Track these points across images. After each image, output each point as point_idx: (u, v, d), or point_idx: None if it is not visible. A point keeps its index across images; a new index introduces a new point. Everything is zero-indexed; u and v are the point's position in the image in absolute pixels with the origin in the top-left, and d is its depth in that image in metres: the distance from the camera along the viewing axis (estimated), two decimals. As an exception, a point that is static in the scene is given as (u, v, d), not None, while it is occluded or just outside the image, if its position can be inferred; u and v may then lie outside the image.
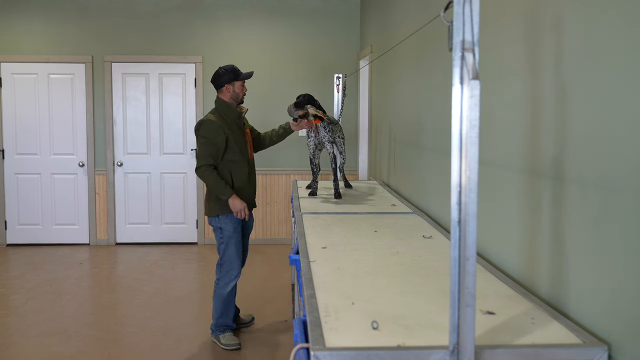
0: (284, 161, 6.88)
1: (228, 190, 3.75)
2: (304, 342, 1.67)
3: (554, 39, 1.91)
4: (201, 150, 3.77)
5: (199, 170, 3.76)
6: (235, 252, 3.88)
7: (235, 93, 3.89)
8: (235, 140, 3.84)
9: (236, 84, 3.89)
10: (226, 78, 3.86)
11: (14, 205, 6.87)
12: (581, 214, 1.74)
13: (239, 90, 3.91)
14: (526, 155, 2.13)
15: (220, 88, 3.90)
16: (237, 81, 3.89)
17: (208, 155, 3.74)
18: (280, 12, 6.88)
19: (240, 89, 3.91)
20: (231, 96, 3.89)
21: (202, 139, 3.77)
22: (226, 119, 3.84)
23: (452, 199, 1.43)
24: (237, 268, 3.90)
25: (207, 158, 3.75)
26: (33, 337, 4.11)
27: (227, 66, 3.92)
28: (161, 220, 6.97)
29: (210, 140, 3.75)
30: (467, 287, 1.39)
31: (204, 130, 3.77)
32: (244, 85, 3.94)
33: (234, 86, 3.88)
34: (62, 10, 6.74)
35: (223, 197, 3.75)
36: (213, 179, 3.74)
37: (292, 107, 3.99)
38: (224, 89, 3.89)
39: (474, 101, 1.38)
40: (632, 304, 1.49)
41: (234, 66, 3.93)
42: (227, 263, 3.88)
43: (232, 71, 3.88)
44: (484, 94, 2.30)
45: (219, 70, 3.90)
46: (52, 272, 5.75)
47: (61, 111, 6.83)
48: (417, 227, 3.11)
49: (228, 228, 3.86)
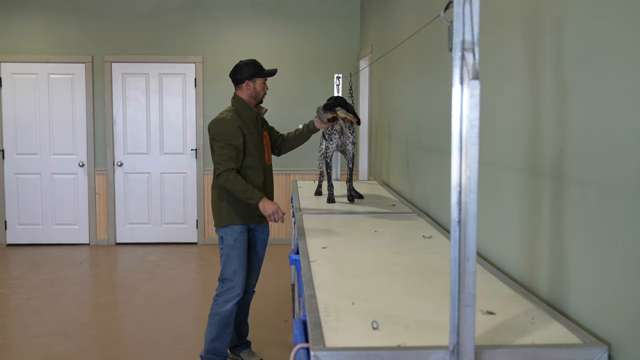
0: (284, 161, 6.88)
1: (257, 194, 3.29)
2: (304, 342, 1.67)
3: (554, 39, 1.91)
4: (220, 153, 3.34)
5: (222, 176, 3.32)
6: (237, 267, 3.43)
7: (256, 91, 3.48)
8: (253, 143, 3.42)
9: (257, 81, 3.47)
10: (247, 73, 3.44)
11: (14, 205, 6.87)
12: (581, 214, 1.74)
13: (259, 88, 3.49)
14: (526, 155, 2.13)
15: (240, 84, 3.48)
16: (259, 78, 3.47)
17: (229, 158, 3.32)
18: (281, 12, 6.88)
19: (262, 87, 3.50)
20: (251, 94, 3.47)
21: (220, 142, 3.34)
22: (243, 119, 3.43)
23: (452, 199, 1.43)
24: (239, 286, 3.44)
25: (228, 162, 3.31)
26: (33, 337, 4.11)
27: (249, 60, 3.50)
28: (161, 220, 6.97)
29: (229, 142, 3.33)
30: (467, 287, 1.39)
31: (223, 131, 3.35)
32: (266, 83, 3.54)
33: (254, 83, 3.46)
34: (62, 10, 6.74)
35: (252, 202, 3.29)
36: (238, 183, 3.29)
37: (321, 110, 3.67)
38: (244, 86, 3.46)
39: (474, 101, 1.38)
40: (632, 304, 1.49)
41: (256, 61, 3.52)
42: (227, 279, 3.45)
43: (255, 66, 3.48)
44: (484, 94, 2.30)
45: (239, 64, 3.49)
46: (52, 272, 5.75)
47: (61, 111, 6.83)
48: (417, 227, 3.11)
49: (228, 238, 3.45)
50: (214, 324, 3.46)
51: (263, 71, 3.49)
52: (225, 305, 3.43)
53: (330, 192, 3.94)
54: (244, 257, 3.47)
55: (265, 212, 3.30)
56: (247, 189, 3.29)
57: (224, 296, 3.44)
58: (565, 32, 1.83)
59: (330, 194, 3.94)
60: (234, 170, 3.32)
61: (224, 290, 3.45)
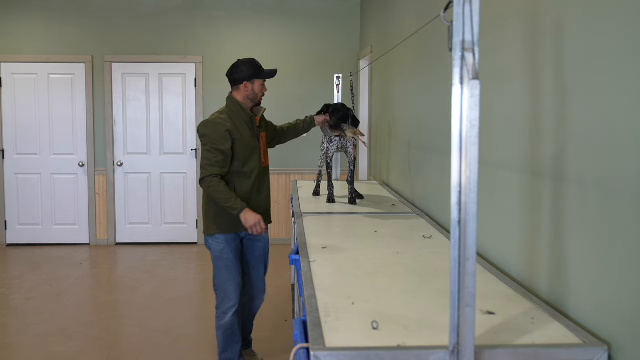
0: (284, 161, 6.88)
1: (239, 203, 3.13)
2: (304, 342, 1.67)
3: (554, 39, 1.91)
4: (206, 157, 3.19)
5: (204, 182, 3.17)
6: (227, 277, 3.30)
7: (254, 93, 3.29)
8: (243, 146, 3.25)
9: (256, 83, 3.29)
10: (246, 74, 3.25)
11: (14, 205, 6.87)
12: (581, 214, 1.74)
13: (258, 89, 3.30)
14: (526, 155, 2.14)
15: (237, 85, 3.28)
16: (258, 79, 3.29)
17: (214, 163, 3.16)
18: (280, 12, 6.88)
19: (260, 88, 3.32)
20: (248, 95, 3.29)
21: (207, 145, 3.19)
22: (236, 122, 3.25)
23: (452, 199, 1.43)
24: (232, 298, 3.31)
25: (212, 167, 3.16)
26: (33, 337, 4.11)
27: (248, 59, 3.31)
28: (161, 220, 6.97)
29: (215, 146, 3.16)
30: (467, 287, 1.39)
31: (209, 134, 3.20)
32: (265, 84, 3.36)
33: (253, 84, 3.27)
34: (62, 10, 6.74)
35: (234, 212, 3.13)
36: (221, 191, 3.13)
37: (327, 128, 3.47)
38: (241, 87, 3.27)
39: (474, 101, 1.38)
40: (632, 304, 1.49)
41: (255, 61, 3.32)
42: (220, 290, 3.34)
43: (254, 66, 3.28)
44: (484, 94, 2.30)
45: (237, 63, 3.30)
46: (52, 272, 5.75)
47: (61, 111, 6.83)
48: (417, 227, 3.11)
49: (214, 247, 3.30)
50: (220, 337, 3.39)
51: (262, 72, 3.31)
52: (224, 317, 3.34)
53: (330, 191, 3.91)
54: (234, 268, 3.32)
55: (247, 224, 3.14)
56: (229, 198, 3.13)
57: (221, 308, 3.35)
58: (565, 32, 1.83)
59: (330, 193, 3.90)
60: (218, 177, 3.16)
61: (220, 302, 3.36)
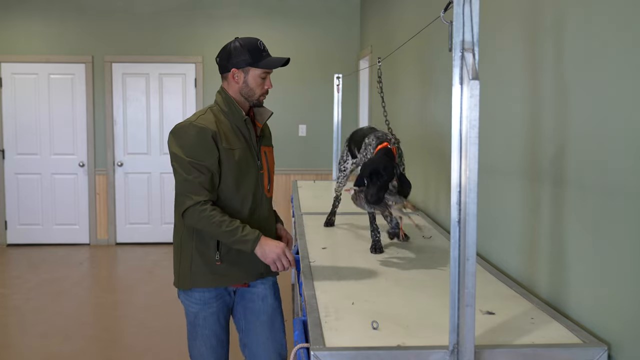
0: (284, 161, 6.88)
1: (251, 233, 2.10)
2: (304, 342, 1.67)
3: (554, 39, 1.91)
4: (185, 180, 2.12)
5: (189, 215, 2.11)
6: (203, 352, 2.35)
7: (248, 87, 2.22)
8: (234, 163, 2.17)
9: (251, 73, 2.21)
10: (237, 59, 2.21)
11: (14, 205, 6.86)
12: (581, 215, 1.74)
13: (254, 83, 2.22)
14: (526, 156, 2.14)
15: (225, 73, 2.26)
16: (254, 68, 2.20)
17: (197, 185, 2.10)
18: (280, 12, 6.88)
19: (257, 82, 2.22)
20: (240, 89, 2.23)
21: (181, 161, 2.14)
22: (224, 125, 2.20)
23: (452, 199, 1.43)
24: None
25: (199, 192, 2.10)
26: (33, 337, 4.11)
27: (245, 39, 2.24)
28: (161, 220, 6.96)
29: (196, 160, 2.12)
30: (467, 287, 1.39)
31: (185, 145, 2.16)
32: (268, 78, 2.25)
33: (247, 75, 2.21)
34: (62, 10, 6.73)
35: (246, 246, 2.10)
36: (219, 222, 2.08)
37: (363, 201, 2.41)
38: (229, 76, 2.24)
39: (473, 101, 1.38)
40: (632, 304, 1.49)
41: (256, 42, 2.23)
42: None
43: (250, 50, 2.20)
44: (484, 94, 2.30)
45: (229, 45, 2.26)
46: (52, 272, 5.75)
47: (61, 111, 6.82)
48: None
49: (189, 309, 2.31)
50: None
51: (261, 59, 2.21)
52: None
53: (376, 237, 2.62)
54: (215, 339, 2.32)
55: (266, 259, 2.12)
56: (234, 229, 2.08)
57: None
58: (565, 32, 1.83)
59: (376, 239, 2.62)
60: (209, 203, 2.11)
61: None
